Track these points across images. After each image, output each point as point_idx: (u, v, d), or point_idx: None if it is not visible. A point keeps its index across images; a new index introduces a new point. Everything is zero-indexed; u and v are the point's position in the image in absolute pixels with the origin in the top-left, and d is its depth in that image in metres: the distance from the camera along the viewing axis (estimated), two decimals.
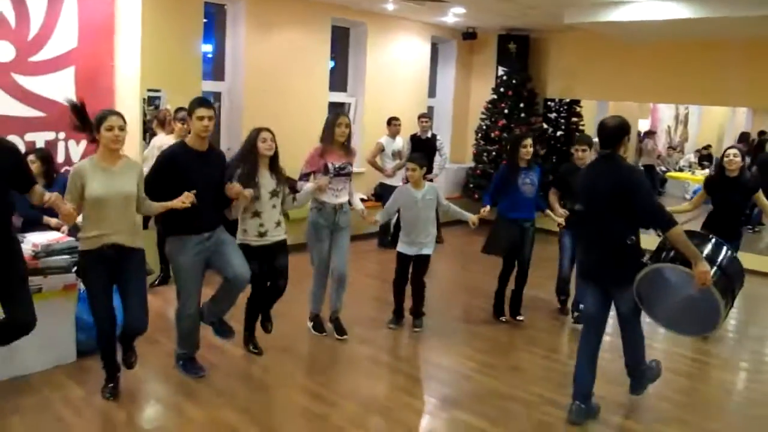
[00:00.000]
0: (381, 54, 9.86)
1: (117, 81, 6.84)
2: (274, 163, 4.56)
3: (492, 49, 10.92)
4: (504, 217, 5.76)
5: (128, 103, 6.73)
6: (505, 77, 10.47)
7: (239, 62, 8.16)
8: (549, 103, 10.86)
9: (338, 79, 9.80)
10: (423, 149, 8.85)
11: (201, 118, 4.10)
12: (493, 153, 10.39)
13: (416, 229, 5.44)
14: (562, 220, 5.68)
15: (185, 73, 6.90)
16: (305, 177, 4.96)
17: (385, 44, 9.89)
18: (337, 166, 4.97)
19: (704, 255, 3.87)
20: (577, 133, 10.52)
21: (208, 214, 4.28)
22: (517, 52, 10.47)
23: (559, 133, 10.78)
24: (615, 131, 3.91)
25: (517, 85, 10.32)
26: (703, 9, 6.97)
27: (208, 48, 8.39)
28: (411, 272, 5.63)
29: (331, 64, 9.45)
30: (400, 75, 10.15)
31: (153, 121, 6.64)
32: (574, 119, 10.77)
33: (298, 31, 8.61)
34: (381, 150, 8.83)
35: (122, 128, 3.82)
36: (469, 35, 10.59)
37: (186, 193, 4.00)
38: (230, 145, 7.87)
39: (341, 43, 9.81)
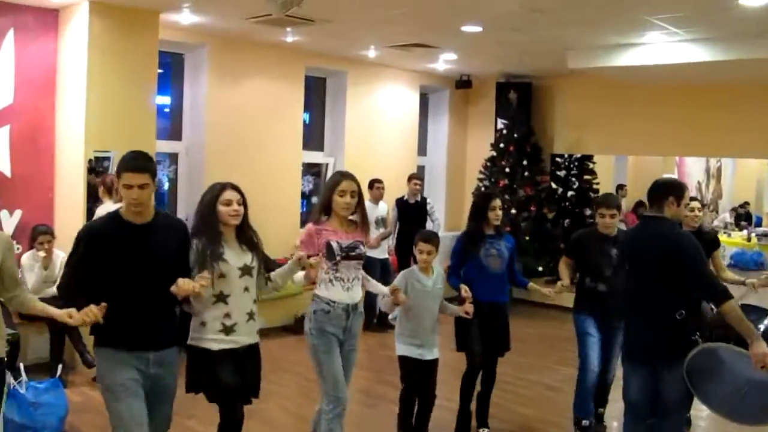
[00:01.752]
0: (363, 107, 9.98)
1: (58, 141, 6.95)
2: (242, 231, 3.86)
3: (490, 98, 11.04)
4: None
5: (71, 166, 6.81)
6: (505, 131, 10.57)
7: (199, 117, 8.28)
8: (557, 159, 10.95)
9: (314, 136, 9.89)
10: (411, 215, 9.06)
11: (129, 188, 3.41)
12: None
13: (422, 325, 4.93)
14: (553, 296, 5.28)
15: (138, 131, 6.85)
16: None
17: (367, 95, 10.03)
18: (344, 245, 4.28)
19: (761, 332, 3.86)
20: (591, 194, 10.68)
21: (152, 322, 3.55)
22: (518, 101, 10.60)
23: (570, 193, 10.90)
24: (662, 189, 4.03)
25: (519, 139, 10.42)
26: (724, 52, 7.16)
27: (165, 100, 8.51)
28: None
29: (306, 118, 9.56)
30: (384, 130, 10.29)
31: (99, 187, 6.63)
32: (587, 177, 10.86)
33: (268, 81, 8.77)
34: None
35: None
36: (463, 83, 10.73)
37: (92, 307, 3.29)
38: (188, 214, 7.92)
39: (317, 94, 9.93)
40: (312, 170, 10.06)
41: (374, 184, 8.94)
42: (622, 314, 4.37)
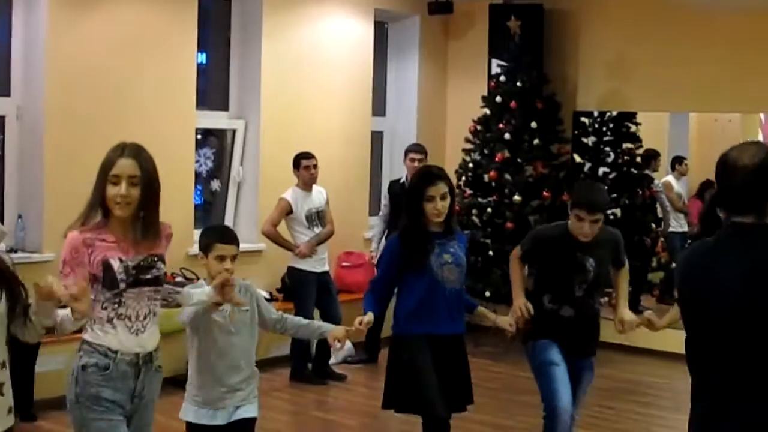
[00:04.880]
0: (287, 43, 10.00)
1: None
2: None
3: (480, 29, 11.07)
4: (405, 335, 5.53)
5: None
6: (504, 78, 10.61)
7: (36, 63, 8.27)
8: (583, 119, 11.00)
9: (214, 89, 10.04)
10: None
11: None
12: (489, 210, 10.40)
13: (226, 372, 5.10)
14: (512, 327, 5.59)
15: None
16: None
17: (293, 26, 10.05)
18: (132, 264, 4.31)
19: None
20: (633, 171, 10.70)
21: None
22: (524, 33, 10.55)
23: (603, 169, 10.96)
24: (763, 176, 3.63)
25: (525, 90, 10.41)
26: None
27: None
28: None
29: (202, 59, 9.59)
30: (321, 80, 10.31)
31: None
32: (628, 145, 10.94)
33: (141, 5, 8.78)
34: (287, 212, 8.85)
35: None
36: (440, 6, 10.87)
37: None
38: (21, 209, 8.18)
39: (218, 25, 10.00)
40: (211, 141, 10.10)
41: (302, 160, 8.94)
42: (719, 397, 3.89)
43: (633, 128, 10.89)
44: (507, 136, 10.30)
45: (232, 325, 5.00)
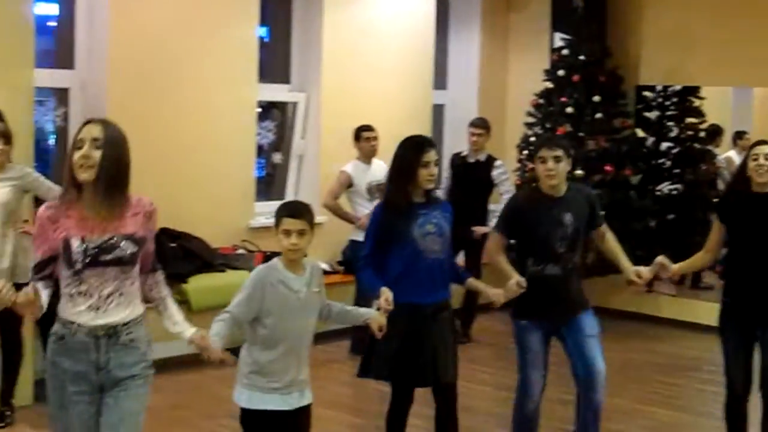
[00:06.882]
0: (348, 17, 10.01)
1: None
2: None
3: (542, 2, 11.11)
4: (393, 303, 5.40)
5: None
6: (567, 51, 10.56)
7: (100, 35, 8.25)
8: (646, 93, 10.92)
9: (276, 62, 9.97)
10: (470, 180, 9.54)
11: None
12: None
13: (290, 354, 4.95)
14: (502, 300, 5.53)
15: (7, 56, 6.91)
16: (38, 268, 4.26)
17: (355, 0, 10.07)
18: (92, 244, 4.19)
19: None
20: (696, 145, 10.72)
21: None
22: (587, 5, 10.51)
23: (665, 144, 10.92)
24: None
25: (588, 64, 10.34)
26: None
27: (48, 9, 8.52)
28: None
29: (264, 34, 9.66)
30: (381, 53, 10.29)
31: None
32: (691, 120, 10.84)
33: None
34: (348, 184, 8.87)
35: None
36: None
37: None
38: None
39: (279, 2, 9.96)
40: (272, 114, 10.10)
41: (362, 133, 8.93)
42: None
43: (697, 103, 10.81)
44: (569, 110, 10.23)
45: (307, 306, 4.93)
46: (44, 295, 4.12)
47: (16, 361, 6.73)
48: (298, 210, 4.79)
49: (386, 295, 5.16)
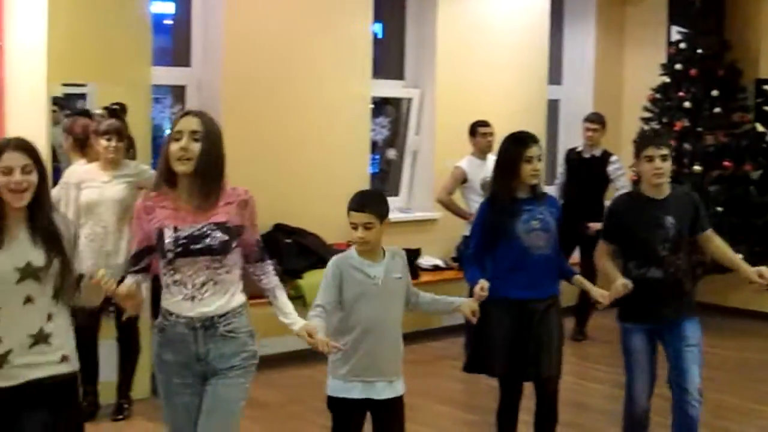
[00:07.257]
0: (462, 12, 10.00)
1: (8, 72, 7.01)
2: (36, 214, 4.05)
3: None
4: (496, 299, 5.42)
5: (28, 108, 6.89)
6: (684, 45, 10.41)
7: (215, 35, 8.39)
8: (766, 87, 10.68)
9: (390, 58, 10.02)
10: (584, 175, 9.46)
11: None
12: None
13: (374, 343, 4.93)
14: (605, 299, 5.46)
15: (125, 55, 6.99)
16: (135, 259, 4.41)
17: None
18: (183, 234, 4.24)
19: None
20: None
21: None
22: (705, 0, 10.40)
23: None
24: None
25: (706, 58, 10.23)
26: None
27: (165, 8, 8.71)
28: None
29: (378, 31, 9.71)
30: (496, 48, 10.26)
31: (66, 139, 6.79)
32: None
33: None
34: (463, 180, 8.80)
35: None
36: None
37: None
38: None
39: None
40: (386, 110, 10.14)
41: (479, 128, 8.83)
42: None
43: None
44: (686, 104, 10.15)
45: (386, 293, 4.87)
46: (142, 289, 4.23)
47: (133, 355, 6.84)
48: (361, 203, 4.73)
49: (482, 283, 5.20)
